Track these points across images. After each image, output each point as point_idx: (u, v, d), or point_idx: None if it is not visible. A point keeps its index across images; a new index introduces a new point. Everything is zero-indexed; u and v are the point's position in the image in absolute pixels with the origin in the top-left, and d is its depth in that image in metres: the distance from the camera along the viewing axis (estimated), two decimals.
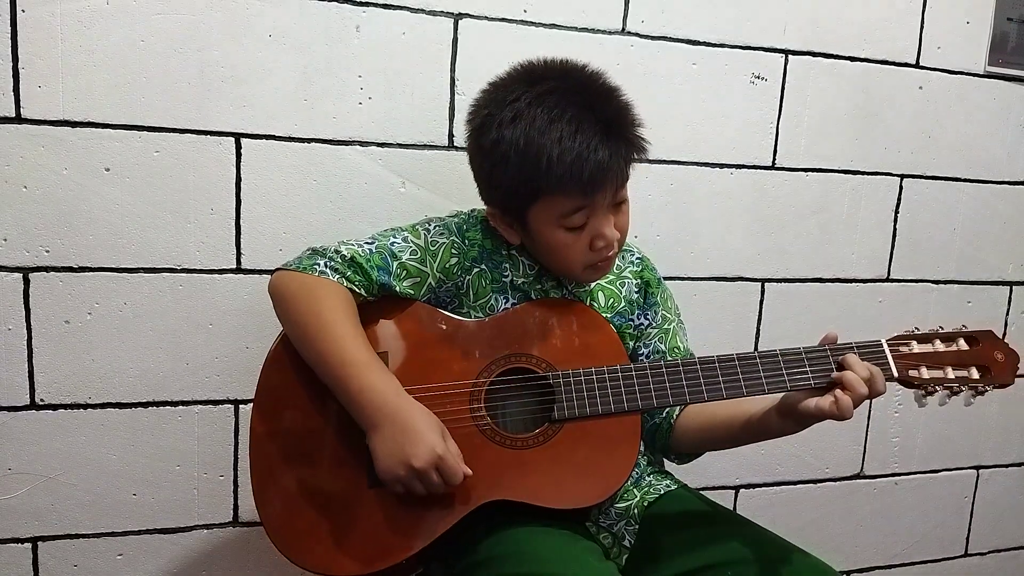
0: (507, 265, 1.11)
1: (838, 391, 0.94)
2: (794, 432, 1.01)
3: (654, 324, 1.17)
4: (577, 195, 0.99)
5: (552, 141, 0.96)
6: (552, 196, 1.00)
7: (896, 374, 0.99)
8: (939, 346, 1.02)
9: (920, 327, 1.05)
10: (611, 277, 1.17)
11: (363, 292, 1.04)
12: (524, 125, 0.97)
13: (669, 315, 1.19)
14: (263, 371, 1.04)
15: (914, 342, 1.02)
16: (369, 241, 1.07)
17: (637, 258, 1.21)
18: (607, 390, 1.03)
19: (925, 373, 1.00)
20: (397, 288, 1.05)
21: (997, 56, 1.68)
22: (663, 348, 1.16)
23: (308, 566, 0.97)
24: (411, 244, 1.08)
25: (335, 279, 1.02)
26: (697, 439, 1.12)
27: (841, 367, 0.98)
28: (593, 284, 1.15)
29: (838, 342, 1.01)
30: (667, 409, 1.12)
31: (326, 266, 1.03)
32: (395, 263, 1.05)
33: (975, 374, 1.01)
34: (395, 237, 1.08)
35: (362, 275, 1.03)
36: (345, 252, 1.04)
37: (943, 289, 1.76)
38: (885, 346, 1.00)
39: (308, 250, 1.07)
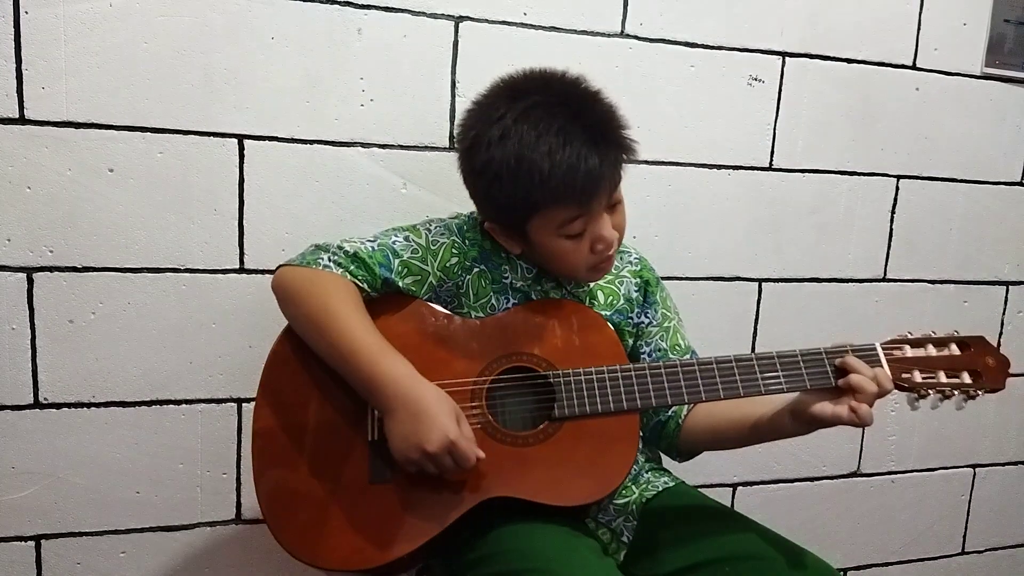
0: (506, 267, 1.12)
1: (854, 402, 0.95)
2: (805, 434, 1.02)
3: (654, 322, 1.18)
4: (574, 205, 1.00)
5: (542, 155, 0.97)
6: (549, 208, 1.01)
7: (890, 377, 1.00)
8: (932, 351, 1.03)
9: (916, 327, 1.07)
10: (610, 277, 1.18)
11: (366, 287, 1.05)
12: (513, 142, 0.98)
13: (669, 313, 1.20)
14: (264, 369, 1.05)
15: (907, 346, 1.04)
16: (371, 239, 1.09)
17: (635, 258, 1.22)
18: (607, 389, 1.04)
19: (918, 377, 1.01)
20: (399, 284, 1.07)
21: (994, 58, 1.69)
22: (665, 346, 1.17)
23: (310, 561, 0.98)
24: (412, 243, 1.09)
25: (339, 273, 1.04)
26: (705, 440, 1.13)
27: (843, 370, 0.99)
28: (592, 284, 1.16)
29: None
30: (675, 409, 1.14)
31: (330, 260, 1.05)
32: (396, 260, 1.07)
33: (967, 378, 1.02)
34: (396, 236, 1.10)
35: (365, 270, 1.05)
36: (348, 248, 1.06)
37: (939, 289, 1.77)
38: (879, 350, 1.02)
39: (311, 246, 1.09)
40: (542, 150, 0.97)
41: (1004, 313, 1.83)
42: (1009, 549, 1.98)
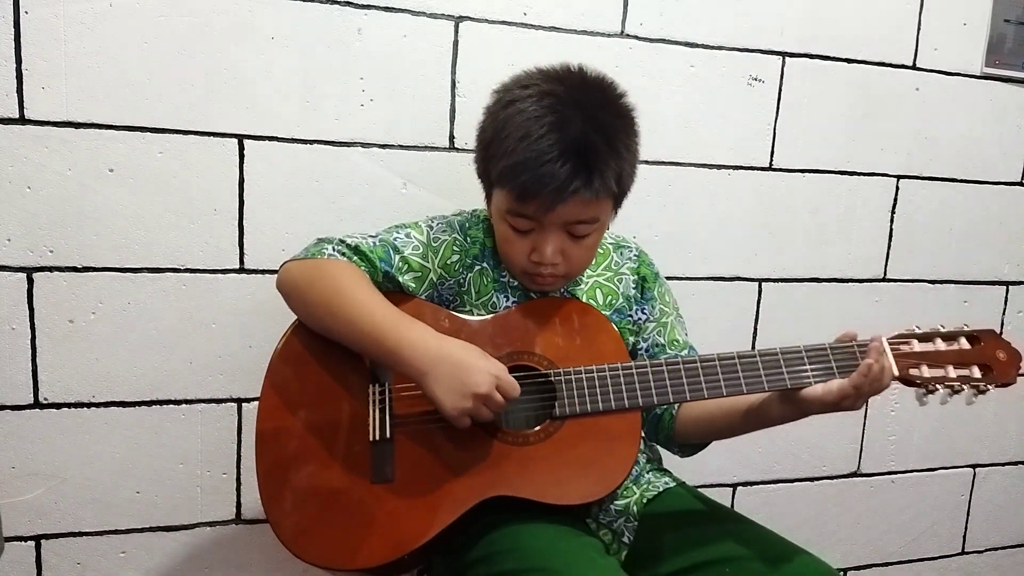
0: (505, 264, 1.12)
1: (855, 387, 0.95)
2: (794, 420, 1.02)
3: (651, 318, 1.18)
4: (512, 197, 1.00)
5: (517, 137, 0.97)
6: (502, 188, 1.02)
7: (896, 372, 0.99)
8: (940, 345, 1.01)
9: (919, 327, 1.04)
10: (608, 274, 1.18)
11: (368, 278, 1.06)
12: (512, 111, 1.00)
13: (667, 309, 1.20)
14: (268, 370, 1.05)
15: (915, 341, 1.02)
16: (372, 235, 1.10)
17: (634, 254, 1.21)
18: (608, 387, 1.04)
19: (926, 372, 0.99)
20: (400, 279, 1.07)
21: (994, 57, 1.69)
22: (662, 342, 1.17)
23: (312, 560, 0.98)
24: (414, 240, 1.10)
25: (343, 260, 1.05)
26: (699, 429, 1.13)
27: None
28: (591, 282, 1.16)
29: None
30: None
31: (334, 250, 1.06)
32: (397, 257, 1.08)
33: (977, 373, 1.00)
34: (398, 233, 1.11)
35: (367, 263, 1.06)
36: (350, 242, 1.08)
37: (939, 289, 1.77)
38: (885, 344, 1.01)
39: (314, 240, 1.11)
40: (521, 132, 0.97)
41: (1004, 313, 1.83)
42: (1009, 549, 1.98)
